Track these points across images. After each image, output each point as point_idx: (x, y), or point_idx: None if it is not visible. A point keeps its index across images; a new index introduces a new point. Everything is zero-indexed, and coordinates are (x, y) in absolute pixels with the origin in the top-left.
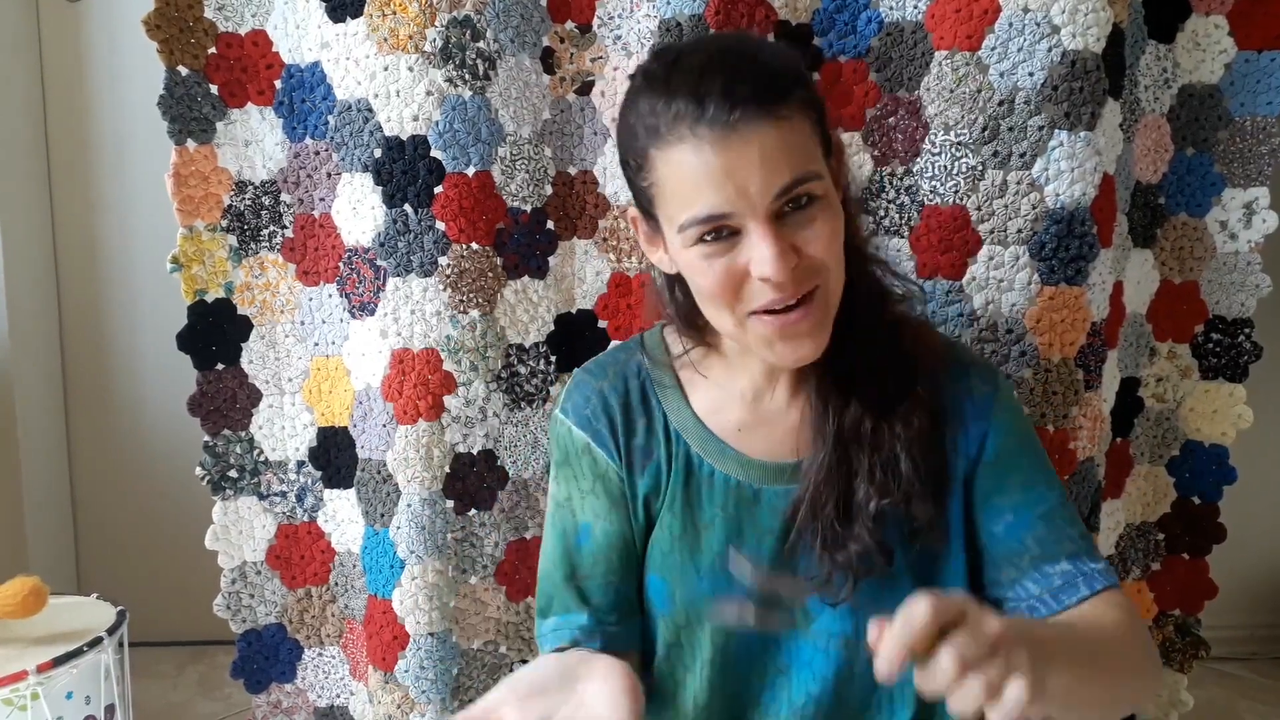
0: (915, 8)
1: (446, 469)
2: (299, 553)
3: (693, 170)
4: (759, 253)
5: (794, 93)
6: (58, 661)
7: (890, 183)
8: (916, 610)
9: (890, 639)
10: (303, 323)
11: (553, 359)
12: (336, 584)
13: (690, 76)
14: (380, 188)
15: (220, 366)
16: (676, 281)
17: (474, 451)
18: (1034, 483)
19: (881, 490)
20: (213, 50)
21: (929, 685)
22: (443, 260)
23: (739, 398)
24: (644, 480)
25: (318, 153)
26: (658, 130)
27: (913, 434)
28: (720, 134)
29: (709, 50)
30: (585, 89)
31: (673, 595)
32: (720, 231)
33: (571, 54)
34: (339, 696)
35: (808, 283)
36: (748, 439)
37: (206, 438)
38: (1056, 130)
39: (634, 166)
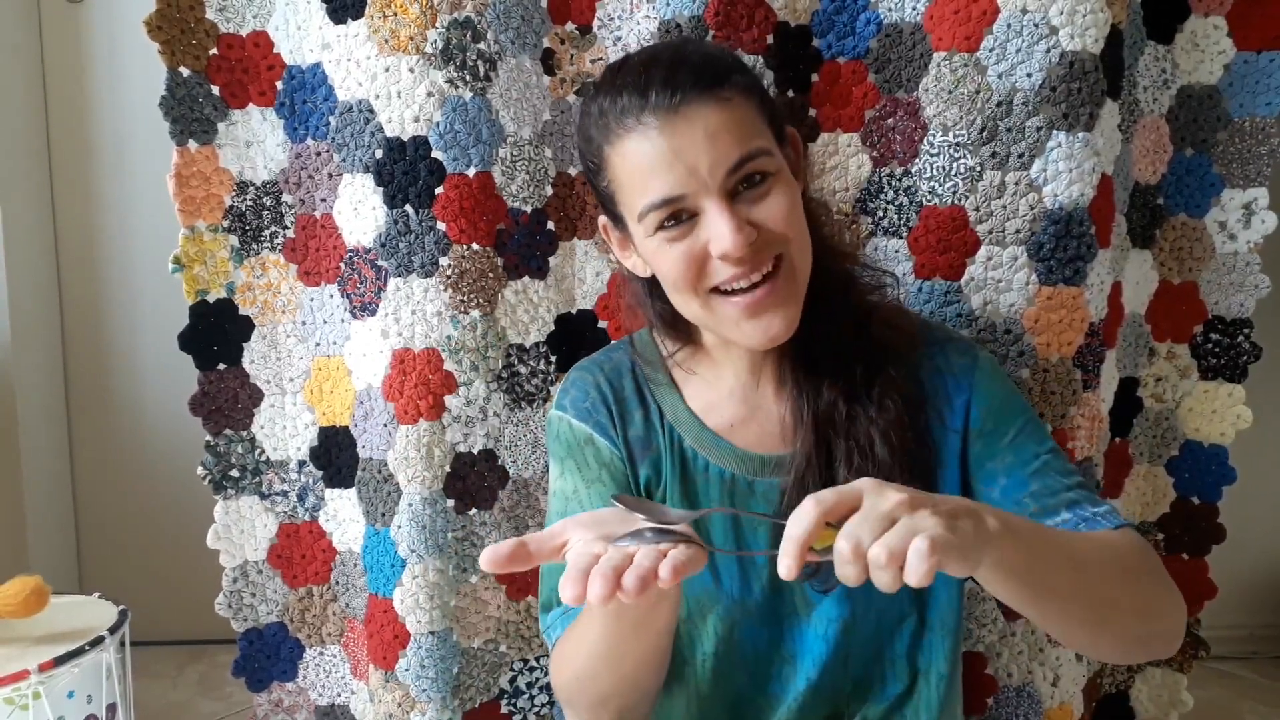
0: (914, 9)
1: (447, 468)
2: (300, 552)
3: (644, 157)
4: (715, 229)
5: (733, 76)
6: (59, 661)
7: (889, 183)
8: (802, 508)
9: (786, 542)
10: (304, 323)
11: (553, 359)
12: (338, 583)
13: (634, 73)
14: (381, 188)
15: (222, 366)
16: (653, 286)
17: (474, 451)
18: (1022, 442)
19: (859, 475)
20: (214, 51)
21: (841, 573)
22: (443, 261)
23: (729, 394)
24: (645, 469)
25: (319, 153)
26: (608, 126)
27: (888, 417)
28: (665, 118)
29: (651, 51)
30: (586, 90)
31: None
32: (679, 216)
33: (572, 55)
34: (340, 695)
35: (768, 255)
36: (740, 432)
37: (208, 437)
38: (1055, 131)
39: (593, 169)
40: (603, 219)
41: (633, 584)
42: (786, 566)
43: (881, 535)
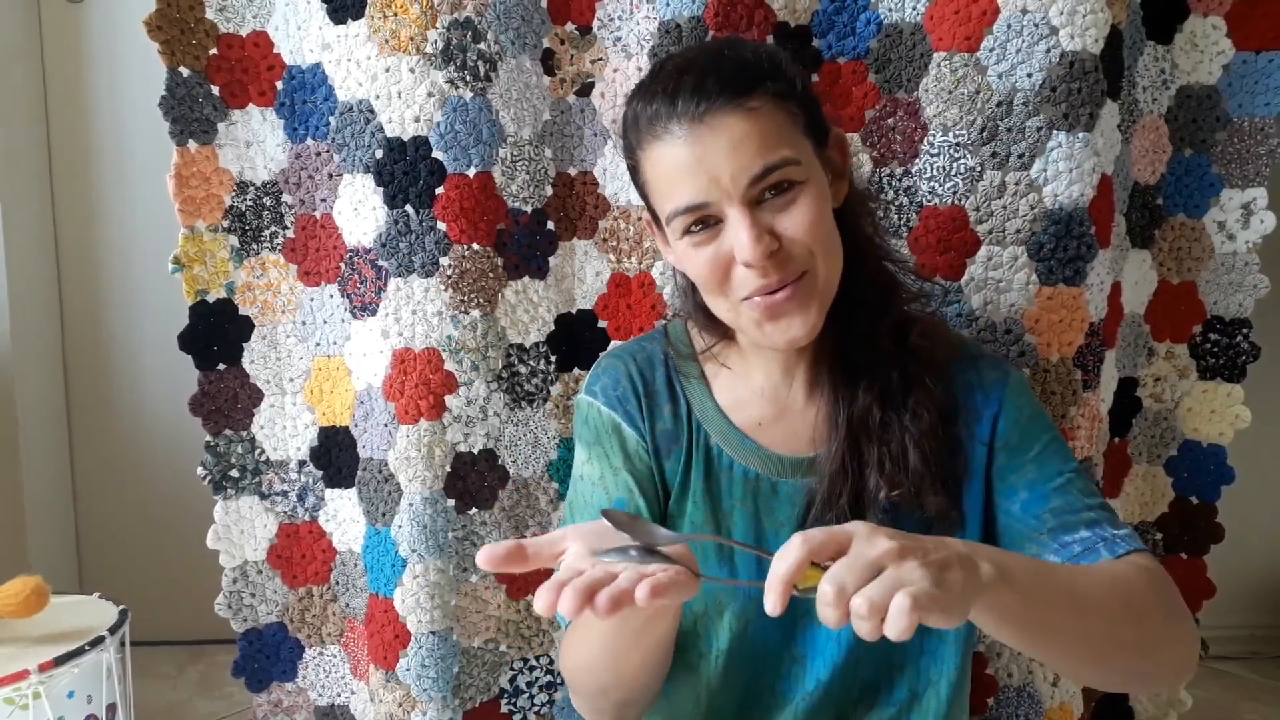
0: (914, 9)
1: (448, 468)
2: (300, 552)
3: (670, 164)
4: (737, 238)
5: (763, 84)
6: (59, 661)
7: (889, 184)
8: (789, 546)
9: (770, 578)
10: (304, 323)
11: (553, 359)
12: (338, 583)
13: (669, 79)
14: (382, 189)
15: (221, 366)
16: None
17: (475, 451)
18: (1046, 459)
19: (891, 482)
20: (214, 51)
21: (822, 615)
22: (444, 261)
23: (759, 393)
24: (669, 464)
25: (319, 154)
26: (640, 131)
27: (922, 427)
28: (689, 127)
29: (690, 54)
30: (585, 90)
31: None
32: (706, 221)
33: (572, 55)
34: (340, 695)
35: (792, 267)
36: (767, 433)
37: (208, 437)
38: (1055, 131)
39: (632, 168)
40: (645, 214)
41: (604, 603)
42: (771, 603)
43: (866, 583)
